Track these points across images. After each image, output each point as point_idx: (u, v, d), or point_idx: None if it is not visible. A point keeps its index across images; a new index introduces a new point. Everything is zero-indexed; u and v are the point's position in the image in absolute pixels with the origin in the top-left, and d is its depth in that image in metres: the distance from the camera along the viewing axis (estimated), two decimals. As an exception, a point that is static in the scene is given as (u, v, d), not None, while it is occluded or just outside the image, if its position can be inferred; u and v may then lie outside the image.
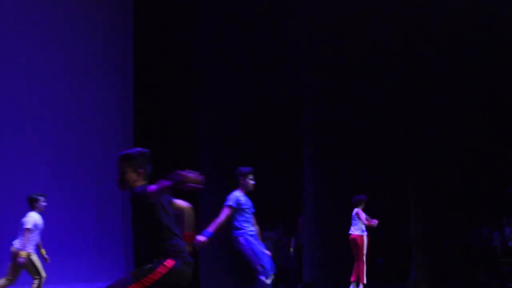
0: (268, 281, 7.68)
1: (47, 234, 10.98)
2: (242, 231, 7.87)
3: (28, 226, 9.02)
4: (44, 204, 9.33)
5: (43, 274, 9.36)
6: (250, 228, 7.94)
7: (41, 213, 9.32)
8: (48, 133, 13.44)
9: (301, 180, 13.83)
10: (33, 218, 9.10)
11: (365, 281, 10.97)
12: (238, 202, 7.91)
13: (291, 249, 14.90)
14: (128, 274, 4.64)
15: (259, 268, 7.68)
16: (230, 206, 7.86)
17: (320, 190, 13.95)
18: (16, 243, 9.14)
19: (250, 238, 7.86)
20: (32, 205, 9.22)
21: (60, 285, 12.82)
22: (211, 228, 7.65)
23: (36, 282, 9.25)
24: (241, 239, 7.84)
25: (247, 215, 7.97)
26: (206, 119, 14.71)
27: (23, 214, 9.51)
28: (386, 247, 15.75)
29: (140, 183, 4.74)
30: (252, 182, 8.05)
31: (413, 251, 13.26)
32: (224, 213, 7.83)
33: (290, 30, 14.91)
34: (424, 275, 13.26)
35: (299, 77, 14.70)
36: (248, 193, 8.08)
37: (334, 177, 13.75)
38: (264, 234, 12.64)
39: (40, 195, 9.44)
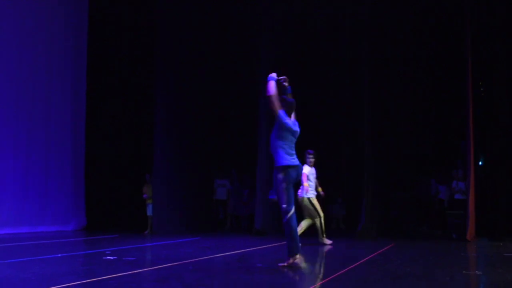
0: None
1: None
2: None
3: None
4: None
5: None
6: None
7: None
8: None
9: (256, 132, 14.13)
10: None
11: None
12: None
13: None
14: None
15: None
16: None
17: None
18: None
19: None
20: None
21: (3, 229, 13.45)
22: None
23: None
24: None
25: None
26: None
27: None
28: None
29: None
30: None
31: (363, 201, 13.64)
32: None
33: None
34: (372, 226, 13.78)
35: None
36: None
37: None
38: (218, 182, 15.62)
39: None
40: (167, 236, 12.78)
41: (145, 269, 7.25)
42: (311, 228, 11.52)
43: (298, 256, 7.46)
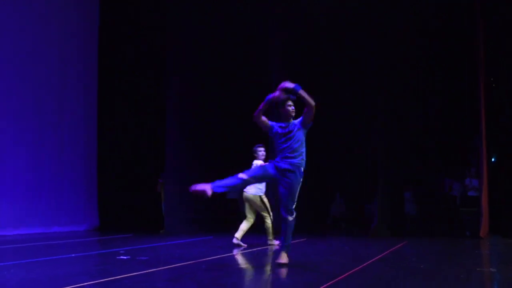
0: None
1: (3, 177, 13.22)
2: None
3: None
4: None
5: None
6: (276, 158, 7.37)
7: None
8: (12, 83, 13.65)
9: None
10: None
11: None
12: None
13: None
14: None
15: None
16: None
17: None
18: None
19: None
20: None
21: (17, 230, 13.48)
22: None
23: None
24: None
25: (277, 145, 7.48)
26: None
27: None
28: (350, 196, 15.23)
29: None
30: (291, 108, 7.43)
31: (376, 200, 13.58)
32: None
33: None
34: (385, 224, 13.72)
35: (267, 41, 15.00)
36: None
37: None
38: (230, 181, 15.58)
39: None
40: (180, 235, 12.81)
41: (159, 269, 7.27)
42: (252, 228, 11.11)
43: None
